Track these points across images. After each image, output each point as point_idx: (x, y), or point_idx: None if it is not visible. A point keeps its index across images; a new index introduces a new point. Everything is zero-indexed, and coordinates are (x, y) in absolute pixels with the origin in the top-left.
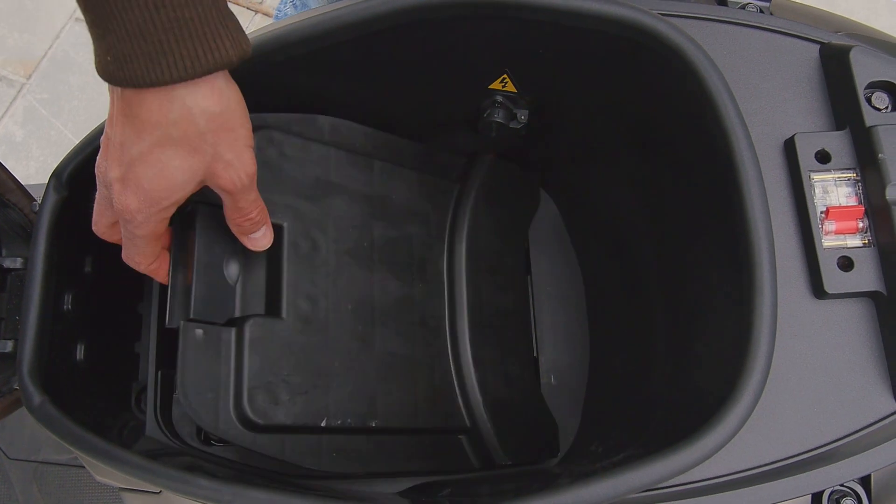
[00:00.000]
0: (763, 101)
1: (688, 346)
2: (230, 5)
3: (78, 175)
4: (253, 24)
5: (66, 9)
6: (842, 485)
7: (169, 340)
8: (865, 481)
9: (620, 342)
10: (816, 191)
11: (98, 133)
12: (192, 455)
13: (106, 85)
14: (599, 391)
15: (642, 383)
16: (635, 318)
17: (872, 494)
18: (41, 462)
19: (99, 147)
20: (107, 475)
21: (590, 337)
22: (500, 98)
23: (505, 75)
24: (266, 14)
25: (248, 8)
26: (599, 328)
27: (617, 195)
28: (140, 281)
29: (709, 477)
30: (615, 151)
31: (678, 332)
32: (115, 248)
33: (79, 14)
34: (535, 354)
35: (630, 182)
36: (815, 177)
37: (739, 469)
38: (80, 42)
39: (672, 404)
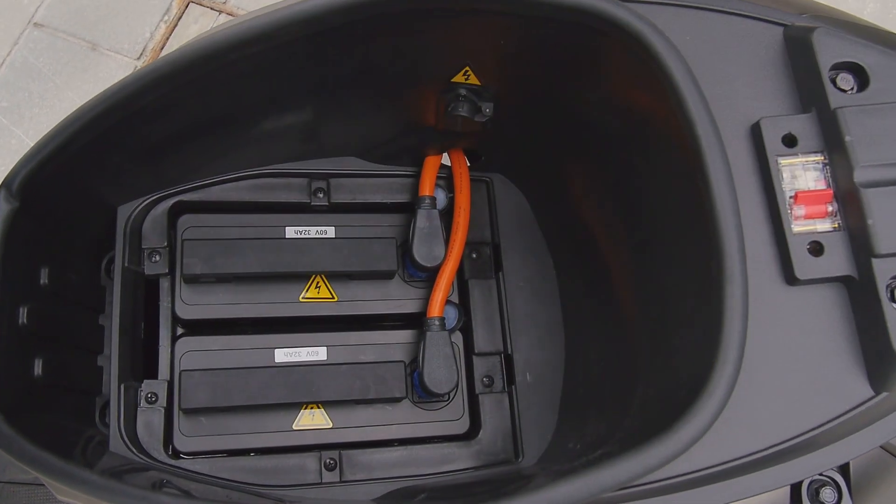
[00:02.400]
0: (727, 85)
1: (663, 339)
2: (193, 6)
3: (30, 183)
4: (217, 24)
5: (23, 13)
6: (821, 474)
7: (132, 352)
8: (844, 469)
9: (596, 336)
10: (784, 175)
11: (50, 139)
12: (159, 469)
13: (68, 90)
14: (576, 387)
15: (618, 378)
16: (610, 310)
17: (852, 482)
18: (6, 482)
19: (52, 153)
20: (68, 495)
21: (564, 332)
22: (463, 91)
23: (467, 68)
24: (230, 14)
25: (211, 8)
26: (574, 323)
27: (587, 186)
28: (101, 292)
29: (685, 472)
30: (583, 142)
31: (653, 324)
32: (74, 258)
33: (38, 19)
34: (508, 352)
35: (600, 173)
36: (783, 161)
37: (716, 463)
38: (39, 48)
39: (648, 399)
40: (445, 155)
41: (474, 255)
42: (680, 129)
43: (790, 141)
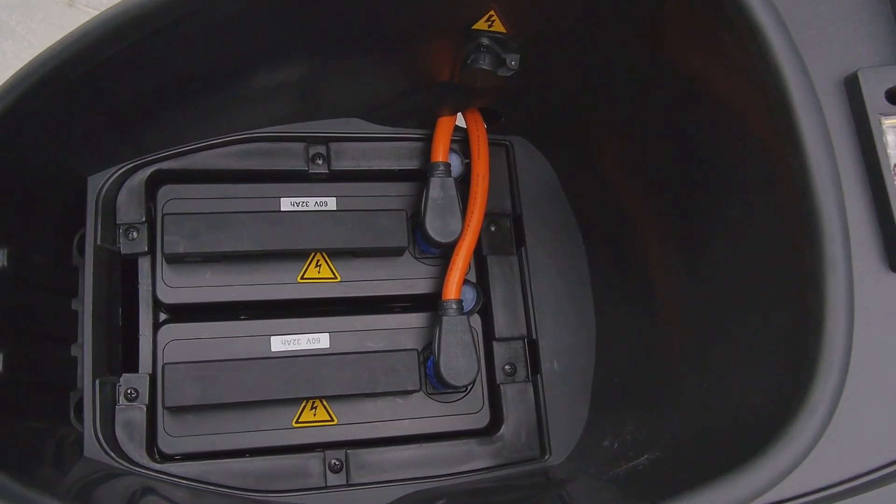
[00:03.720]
0: (819, 29)
1: (723, 334)
2: None
3: None
4: (64, 17)
5: None
6: None
7: (108, 343)
8: None
9: (632, 321)
10: (889, 138)
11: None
12: (141, 476)
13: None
14: (609, 377)
15: (660, 370)
16: (649, 293)
17: None
18: None
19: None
20: None
21: (595, 315)
22: (485, 41)
23: (492, 11)
24: (81, 8)
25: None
26: (606, 305)
27: (624, 153)
28: (73, 273)
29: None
30: (624, 102)
31: (707, 314)
32: (38, 237)
33: None
34: (533, 337)
35: (642, 139)
36: (887, 121)
37: (814, 488)
38: (11, 4)
39: (701, 402)
40: (460, 116)
41: (493, 228)
42: (761, 84)
43: (895, 97)
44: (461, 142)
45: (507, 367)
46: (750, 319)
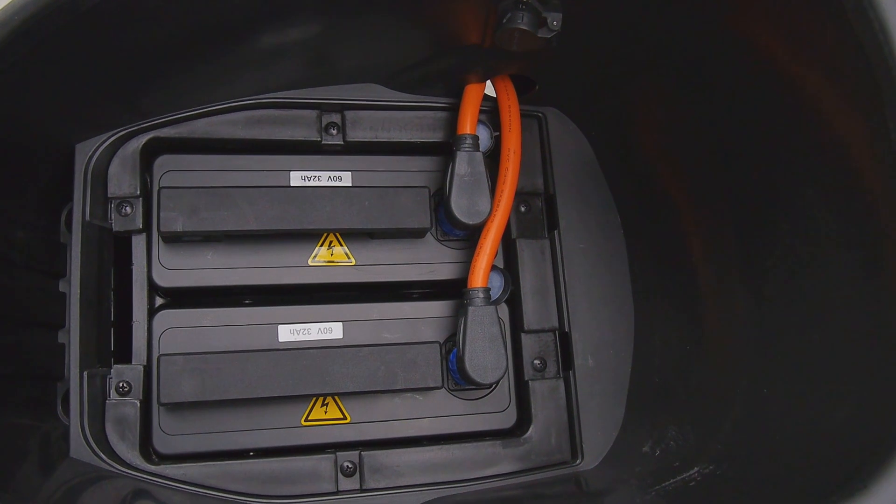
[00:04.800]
0: None
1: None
2: None
3: None
4: None
5: None
6: None
7: (97, 330)
8: None
9: (676, 315)
10: None
11: None
12: (133, 479)
13: None
14: (649, 376)
15: (706, 371)
16: (696, 286)
17: None
18: None
19: None
20: None
21: (634, 307)
22: None
23: None
24: None
25: None
26: (647, 296)
27: (676, 135)
28: (61, 251)
29: None
30: (684, 76)
31: (765, 314)
32: (20, 211)
33: None
34: (565, 329)
35: (700, 121)
36: None
37: None
38: None
39: (759, 410)
40: (489, 83)
41: (523, 209)
42: (859, 85)
43: None
44: (489, 112)
45: (536, 361)
46: (823, 327)
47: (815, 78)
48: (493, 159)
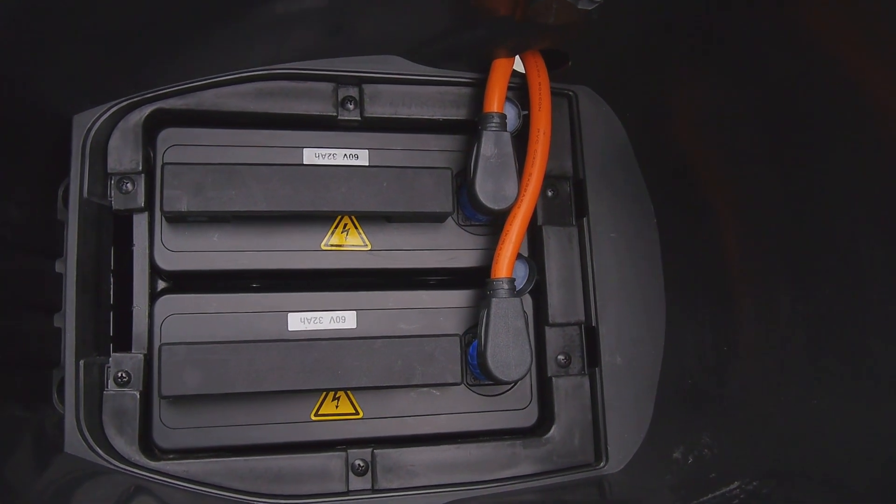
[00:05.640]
0: None
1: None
2: None
3: None
4: None
5: None
6: None
7: (95, 315)
8: None
9: (711, 312)
10: None
11: None
12: (131, 476)
13: None
14: (682, 377)
15: (745, 375)
16: (734, 283)
17: None
18: None
19: None
20: None
21: (667, 302)
22: None
23: None
24: None
25: None
26: (681, 291)
27: (726, 118)
28: (58, 229)
29: None
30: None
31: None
32: (14, 187)
33: None
34: (592, 324)
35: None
36: None
37: None
38: None
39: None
40: (517, 59)
41: (551, 194)
42: None
43: None
44: (517, 89)
45: (560, 357)
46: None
47: (883, 75)
48: (520, 140)
